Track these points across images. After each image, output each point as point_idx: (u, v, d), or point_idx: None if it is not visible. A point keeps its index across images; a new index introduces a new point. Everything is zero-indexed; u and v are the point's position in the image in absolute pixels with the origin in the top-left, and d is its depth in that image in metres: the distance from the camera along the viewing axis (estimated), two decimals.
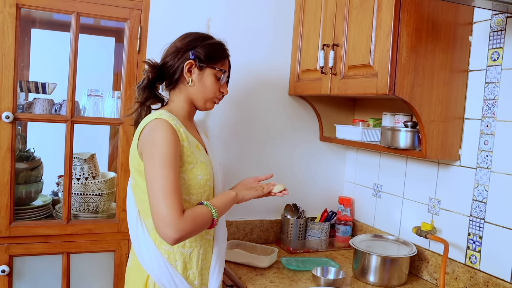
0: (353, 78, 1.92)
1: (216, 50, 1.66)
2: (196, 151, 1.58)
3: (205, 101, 1.67)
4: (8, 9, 1.90)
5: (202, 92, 1.64)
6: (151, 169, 1.44)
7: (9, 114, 1.93)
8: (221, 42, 1.70)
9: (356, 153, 2.56)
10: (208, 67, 1.63)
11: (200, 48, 1.62)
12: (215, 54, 1.65)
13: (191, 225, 1.42)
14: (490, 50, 1.77)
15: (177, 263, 1.56)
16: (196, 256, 1.60)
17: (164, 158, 1.43)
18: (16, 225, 2.02)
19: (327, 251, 2.35)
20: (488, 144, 1.76)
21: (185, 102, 1.66)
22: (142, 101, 1.65)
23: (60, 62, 2.21)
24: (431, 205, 2.02)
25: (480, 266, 1.78)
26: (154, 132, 1.47)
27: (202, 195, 1.58)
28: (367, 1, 1.85)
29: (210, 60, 1.63)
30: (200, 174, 1.56)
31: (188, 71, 1.61)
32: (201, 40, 1.65)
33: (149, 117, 1.54)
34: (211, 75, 1.64)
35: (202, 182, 1.57)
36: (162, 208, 1.39)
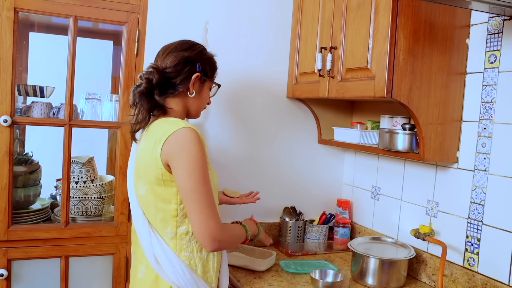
0: (350, 81, 1.92)
1: (214, 63, 1.72)
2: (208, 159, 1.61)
3: (198, 111, 1.72)
4: (6, 13, 1.90)
5: (198, 103, 1.68)
6: (191, 181, 1.45)
7: (7, 118, 1.94)
8: (211, 54, 1.73)
9: (354, 156, 2.57)
10: (208, 81, 1.68)
11: (204, 61, 1.65)
12: (214, 68, 1.72)
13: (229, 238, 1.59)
14: (487, 52, 1.77)
15: (197, 268, 1.57)
16: (212, 258, 1.62)
17: (202, 170, 1.46)
18: (14, 228, 2.02)
19: (325, 254, 2.35)
20: (485, 147, 1.76)
21: (183, 112, 1.66)
22: (147, 109, 1.58)
23: (58, 65, 2.21)
24: (429, 207, 2.02)
25: (478, 268, 1.78)
26: (188, 142, 1.46)
27: (215, 199, 1.58)
28: (365, 4, 1.85)
29: (212, 74, 1.70)
30: (213, 179, 1.59)
31: (193, 83, 1.62)
32: (204, 53, 1.68)
33: (170, 125, 1.49)
34: (207, 88, 1.70)
35: (216, 186, 1.62)
36: (212, 222, 1.46)
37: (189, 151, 1.45)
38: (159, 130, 1.51)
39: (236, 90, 2.35)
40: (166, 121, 1.55)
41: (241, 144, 2.41)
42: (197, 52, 1.65)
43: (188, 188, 1.45)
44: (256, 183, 2.43)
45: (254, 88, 2.39)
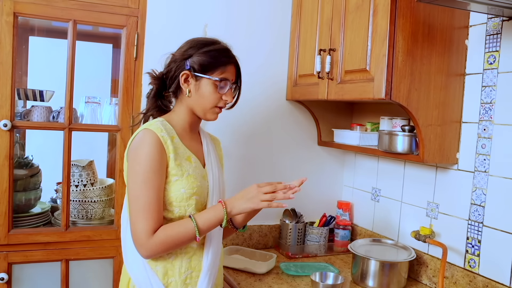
0: (349, 83, 1.92)
1: (213, 57, 1.56)
2: (186, 164, 1.53)
3: (204, 112, 1.60)
4: (5, 18, 1.91)
5: (200, 103, 1.57)
6: (131, 184, 1.47)
7: (7, 122, 1.94)
8: (221, 48, 1.60)
9: (354, 157, 2.56)
10: (204, 77, 1.55)
11: (195, 57, 1.55)
12: (211, 63, 1.55)
13: (161, 246, 1.44)
14: (486, 53, 1.77)
15: (157, 267, 1.50)
16: (179, 263, 1.52)
17: (144, 174, 1.44)
18: (14, 232, 2.02)
19: (326, 256, 2.35)
20: (485, 148, 1.76)
21: (185, 113, 1.61)
22: (145, 112, 1.66)
23: (58, 69, 2.21)
24: (429, 209, 2.02)
25: (479, 270, 1.77)
26: (139, 145, 1.47)
27: (185, 209, 1.51)
28: (363, 6, 1.85)
29: (205, 70, 1.55)
30: (183, 187, 1.50)
31: (184, 81, 1.56)
32: (198, 47, 1.57)
33: (140, 127, 1.53)
34: (208, 85, 1.55)
35: (186, 195, 1.51)
36: (137, 227, 1.44)
37: (136, 152, 1.46)
38: (135, 132, 1.54)
39: None
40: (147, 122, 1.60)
41: (241, 147, 2.41)
42: (187, 48, 1.58)
43: (128, 188, 1.48)
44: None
45: (254, 91, 2.39)
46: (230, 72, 1.60)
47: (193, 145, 1.63)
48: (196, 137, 1.69)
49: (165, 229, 1.45)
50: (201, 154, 1.65)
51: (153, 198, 1.44)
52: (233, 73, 1.62)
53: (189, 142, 1.61)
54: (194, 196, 1.53)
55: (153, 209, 1.44)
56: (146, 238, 1.43)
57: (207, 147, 1.68)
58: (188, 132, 1.63)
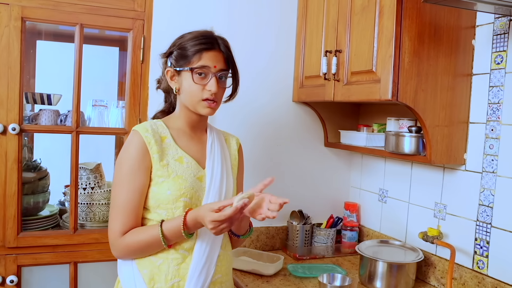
0: (356, 84, 1.92)
1: (187, 47, 1.49)
2: (174, 164, 1.48)
3: (194, 106, 1.51)
4: (13, 23, 1.92)
5: (187, 98, 1.51)
6: (113, 184, 1.49)
7: (16, 126, 1.95)
8: (195, 36, 1.51)
9: (361, 158, 2.56)
10: (182, 70, 1.49)
11: (174, 51, 1.52)
12: (186, 52, 1.49)
13: (127, 249, 1.44)
14: (493, 53, 1.76)
15: (144, 271, 1.45)
16: (166, 269, 1.44)
17: (122, 175, 1.45)
18: (23, 235, 2.04)
19: (333, 257, 2.35)
20: (493, 148, 1.75)
21: (182, 111, 1.57)
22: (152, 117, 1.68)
23: (65, 72, 2.23)
24: (437, 210, 2.01)
25: (488, 271, 1.76)
26: (124, 147, 1.49)
27: (173, 212, 1.45)
28: (369, 7, 1.85)
29: (182, 61, 1.49)
30: (169, 189, 1.44)
31: (171, 79, 1.54)
32: (177, 41, 1.54)
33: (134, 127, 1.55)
34: (188, 77, 1.48)
35: (172, 197, 1.44)
36: (109, 227, 1.45)
37: (122, 152, 1.48)
38: None
39: (242, 94, 2.33)
40: None
41: (247, 148, 2.39)
42: (170, 45, 1.57)
43: (112, 187, 1.51)
44: None
45: (260, 92, 2.40)
46: (210, 59, 1.48)
47: (192, 145, 1.57)
48: (200, 136, 1.62)
49: (133, 233, 1.43)
50: (203, 155, 1.57)
51: (128, 199, 1.43)
52: (215, 59, 1.49)
53: (187, 143, 1.56)
54: (182, 198, 1.45)
55: (128, 210, 1.43)
56: (115, 239, 1.43)
57: (211, 147, 1.60)
58: (188, 132, 1.58)
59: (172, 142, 1.52)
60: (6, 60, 1.93)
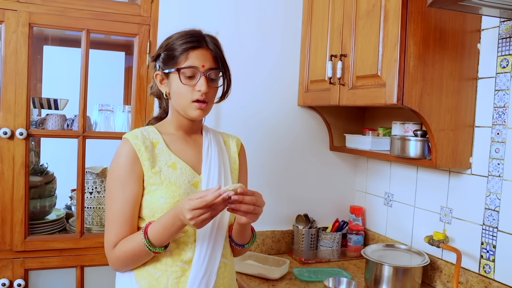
0: (361, 89, 1.92)
1: (172, 48, 1.42)
2: (167, 171, 1.40)
3: (184, 109, 1.43)
4: (21, 29, 1.94)
5: (177, 101, 1.43)
6: (106, 193, 1.43)
7: (23, 131, 1.97)
8: (181, 35, 1.44)
9: (366, 162, 2.56)
10: (170, 72, 1.42)
11: (162, 53, 1.45)
12: (172, 53, 1.41)
13: (118, 261, 1.38)
14: (499, 57, 1.76)
15: (142, 282, 1.38)
16: (165, 282, 1.37)
17: (112, 185, 1.39)
18: (31, 239, 2.05)
19: (339, 261, 2.34)
20: (499, 152, 1.75)
21: (175, 115, 1.49)
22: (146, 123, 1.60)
23: (71, 77, 2.25)
24: (443, 214, 2.01)
25: (494, 275, 1.76)
26: (115, 156, 1.42)
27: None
28: (374, 11, 1.85)
29: (168, 63, 1.42)
30: (162, 197, 1.37)
31: (161, 83, 1.47)
32: (164, 43, 1.47)
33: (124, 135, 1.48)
34: (176, 78, 1.40)
35: (166, 206, 1.36)
36: (105, 238, 1.40)
37: (111, 163, 1.42)
38: None
39: (247, 98, 2.36)
40: None
41: (253, 152, 2.41)
42: (158, 48, 1.50)
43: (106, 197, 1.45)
44: (268, 191, 2.43)
45: (265, 97, 2.40)
46: (198, 58, 1.40)
47: (187, 150, 1.48)
48: (195, 139, 1.53)
49: (121, 243, 1.37)
50: (198, 159, 1.48)
51: (121, 210, 1.36)
52: (203, 58, 1.40)
53: (181, 147, 1.47)
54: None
55: (121, 221, 1.36)
56: (108, 250, 1.39)
57: (208, 150, 1.50)
58: (182, 136, 1.50)
59: (165, 147, 1.44)
60: (14, 66, 1.95)
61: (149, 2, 2.15)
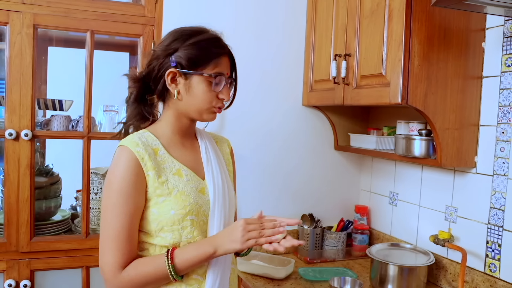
0: (365, 88, 1.92)
1: (204, 49, 1.31)
2: (174, 179, 1.30)
3: (201, 113, 1.35)
4: (25, 30, 1.95)
5: (193, 104, 1.33)
6: (102, 209, 1.27)
7: (28, 132, 1.98)
8: (211, 37, 1.35)
9: (371, 162, 2.56)
10: (195, 74, 1.30)
11: (182, 51, 1.30)
12: (202, 55, 1.31)
13: (132, 284, 1.24)
14: (504, 56, 1.76)
15: None
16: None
17: (114, 199, 1.23)
18: (36, 240, 2.06)
19: (344, 261, 2.34)
20: (504, 151, 1.74)
21: (175, 118, 1.37)
22: (124, 121, 1.41)
23: (76, 78, 2.25)
24: (448, 213, 2.00)
25: (500, 274, 1.75)
26: (112, 165, 1.27)
27: (180, 233, 1.29)
28: (378, 10, 1.85)
29: (196, 65, 1.30)
30: (173, 208, 1.27)
31: (171, 81, 1.31)
32: (184, 39, 1.32)
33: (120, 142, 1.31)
34: (201, 82, 1.31)
35: (177, 217, 1.27)
36: (102, 260, 1.24)
37: (110, 172, 1.26)
38: None
39: (252, 98, 2.36)
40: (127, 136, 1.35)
41: (258, 152, 2.42)
42: (170, 42, 1.32)
43: (101, 212, 1.27)
44: (273, 190, 2.44)
45: (270, 97, 2.40)
46: (224, 65, 1.35)
47: (186, 155, 1.39)
48: (191, 143, 1.43)
49: (136, 266, 1.25)
50: (199, 163, 1.40)
51: (123, 226, 1.23)
52: (227, 66, 1.36)
53: (180, 152, 1.37)
54: (188, 216, 1.29)
55: (123, 239, 1.23)
56: (113, 274, 1.22)
57: (206, 153, 1.42)
58: (179, 140, 1.39)
59: (166, 153, 1.32)
60: (19, 67, 1.96)
61: (153, 3, 2.15)
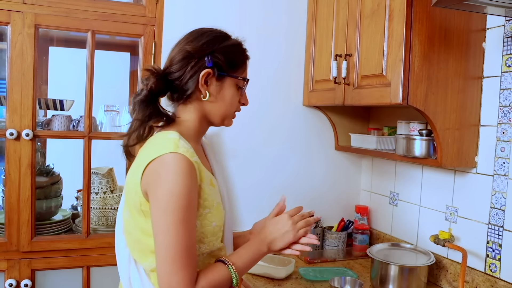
0: (366, 88, 1.92)
1: (237, 53, 1.34)
2: (211, 190, 1.26)
3: (224, 118, 1.34)
4: (26, 30, 1.95)
5: (221, 108, 1.32)
6: (162, 221, 1.14)
7: (29, 132, 1.98)
8: (240, 42, 1.38)
9: (371, 161, 2.56)
10: (229, 76, 1.30)
11: (218, 52, 1.29)
12: (236, 59, 1.33)
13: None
14: (504, 56, 1.76)
15: None
16: None
17: (180, 211, 1.13)
18: (37, 240, 2.06)
19: (344, 261, 2.34)
20: (504, 151, 1.75)
21: (198, 121, 1.32)
22: (142, 119, 1.27)
23: (77, 78, 2.26)
24: (448, 213, 2.00)
25: (500, 274, 1.76)
26: (169, 173, 1.15)
27: (213, 244, 1.28)
28: (378, 11, 1.85)
29: (233, 67, 1.31)
30: (214, 221, 1.25)
31: (204, 82, 1.27)
32: (219, 41, 1.31)
33: (159, 146, 1.19)
34: (232, 86, 1.32)
35: (216, 229, 1.26)
36: (174, 279, 1.13)
37: (168, 184, 1.14)
38: (148, 149, 1.23)
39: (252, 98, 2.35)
40: (161, 137, 1.24)
41: (259, 153, 2.42)
42: (206, 41, 1.29)
43: (158, 229, 1.15)
44: (273, 190, 2.44)
45: (271, 97, 2.41)
46: (247, 71, 1.39)
47: (205, 162, 1.33)
48: (201, 148, 1.40)
49: (206, 277, 1.19)
50: (212, 170, 1.37)
51: (192, 240, 1.17)
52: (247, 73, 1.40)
53: (202, 160, 1.28)
54: (222, 228, 1.29)
55: (193, 254, 1.17)
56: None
57: (212, 159, 1.42)
58: (197, 145, 1.34)
59: (200, 162, 1.24)
60: (20, 67, 1.96)
61: (154, 3, 2.15)
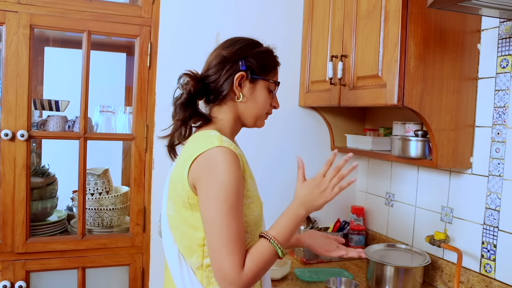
0: (362, 89, 1.93)
1: (268, 58, 1.45)
2: (251, 183, 1.36)
3: (256, 119, 1.44)
4: (22, 30, 1.95)
5: (254, 108, 1.42)
6: (214, 210, 1.22)
7: (24, 132, 1.97)
8: (271, 49, 1.49)
9: (367, 162, 2.56)
10: (261, 79, 1.41)
11: (251, 57, 1.39)
12: (267, 63, 1.44)
13: (254, 277, 1.24)
14: (499, 57, 1.77)
15: None
16: None
17: (230, 200, 1.21)
18: (32, 241, 2.05)
19: (340, 261, 2.35)
20: (499, 152, 1.75)
21: (233, 121, 1.42)
22: (183, 119, 1.37)
23: (73, 79, 2.26)
24: (443, 213, 2.01)
25: (495, 275, 1.76)
26: (218, 165, 1.23)
27: (255, 233, 1.34)
28: (374, 12, 1.86)
29: (265, 71, 1.42)
30: (256, 210, 1.34)
31: (238, 84, 1.37)
32: (251, 47, 1.43)
33: (204, 142, 1.28)
34: (264, 88, 1.42)
35: (258, 219, 1.35)
36: (225, 264, 1.21)
37: (218, 175, 1.22)
38: (192, 145, 1.31)
39: None
40: (204, 135, 1.33)
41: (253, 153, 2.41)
42: (239, 48, 1.40)
43: (209, 218, 1.23)
44: (269, 192, 2.43)
45: None
46: (277, 76, 1.50)
47: None
48: None
49: (252, 258, 1.24)
50: None
51: (241, 226, 1.24)
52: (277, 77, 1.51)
53: None
54: (262, 217, 1.39)
55: (242, 240, 1.24)
56: (238, 274, 1.20)
57: None
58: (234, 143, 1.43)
59: (243, 155, 1.38)
60: (15, 67, 1.95)
61: (150, 3, 2.15)
